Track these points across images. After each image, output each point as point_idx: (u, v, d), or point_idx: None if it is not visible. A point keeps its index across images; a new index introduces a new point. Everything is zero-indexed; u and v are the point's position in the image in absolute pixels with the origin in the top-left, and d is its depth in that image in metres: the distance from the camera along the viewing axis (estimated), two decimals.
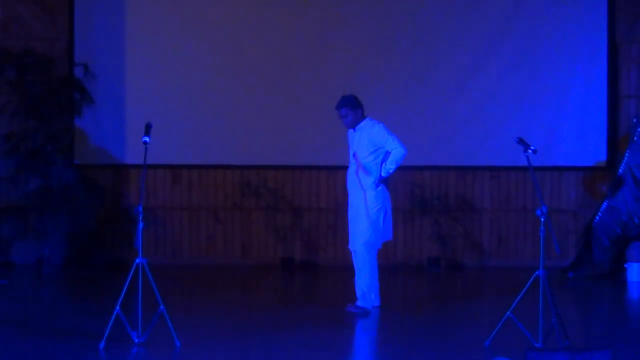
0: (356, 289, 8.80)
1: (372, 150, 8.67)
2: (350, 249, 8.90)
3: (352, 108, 8.69)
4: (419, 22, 11.92)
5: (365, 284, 8.74)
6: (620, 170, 11.18)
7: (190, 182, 12.14)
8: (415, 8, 11.93)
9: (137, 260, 7.15)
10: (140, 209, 7.18)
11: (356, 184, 8.74)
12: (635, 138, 11.13)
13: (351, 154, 8.86)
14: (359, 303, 8.74)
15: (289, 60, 11.90)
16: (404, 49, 11.89)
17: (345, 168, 11.91)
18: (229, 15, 12.01)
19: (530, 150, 7.29)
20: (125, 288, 7.13)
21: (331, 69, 11.84)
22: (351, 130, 8.85)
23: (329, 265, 11.85)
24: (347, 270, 11.56)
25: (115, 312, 7.11)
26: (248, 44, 11.94)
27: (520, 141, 7.42)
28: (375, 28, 11.90)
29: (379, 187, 8.64)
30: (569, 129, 11.82)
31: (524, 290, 7.12)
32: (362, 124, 8.76)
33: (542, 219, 7.07)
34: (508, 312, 7.18)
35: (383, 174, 8.64)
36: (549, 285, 7.05)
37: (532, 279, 7.08)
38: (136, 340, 7.18)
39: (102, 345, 7.06)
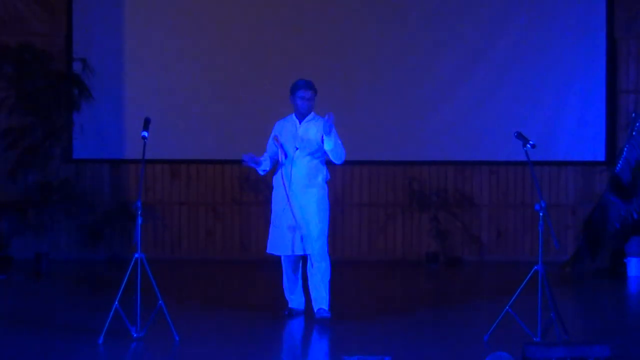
0: (325, 295, 8.04)
1: (320, 147, 7.98)
2: (304, 253, 8.02)
3: (315, 94, 8.12)
4: (417, 17, 11.91)
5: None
6: (618, 166, 11.18)
7: (189, 177, 12.14)
8: (414, 2, 11.93)
9: (136, 255, 7.15)
10: (139, 204, 7.18)
11: (304, 181, 7.99)
12: (634, 133, 11.13)
13: (280, 148, 8.10)
14: (327, 307, 8.07)
15: (288, 56, 11.89)
16: (401, 44, 11.89)
17: (343, 163, 11.98)
18: (228, 11, 12.00)
19: (529, 145, 7.28)
20: (124, 283, 7.13)
21: (331, 65, 11.83)
22: (291, 122, 8.11)
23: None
24: (345, 264, 11.59)
25: (114, 307, 7.11)
26: (247, 40, 11.94)
27: (519, 136, 7.41)
28: (374, 22, 11.90)
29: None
30: (567, 124, 11.83)
31: (522, 285, 7.11)
32: (310, 116, 8.13)
33: (541, 214, 7.07)
34: (507, 307, 7.18)
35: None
36: (547, 280, 7.05)
37: (530, 273, 7.08)
38: (135, 335, 7.18)
39: (100, 340, 7.06)
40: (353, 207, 12.05)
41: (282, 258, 8.19)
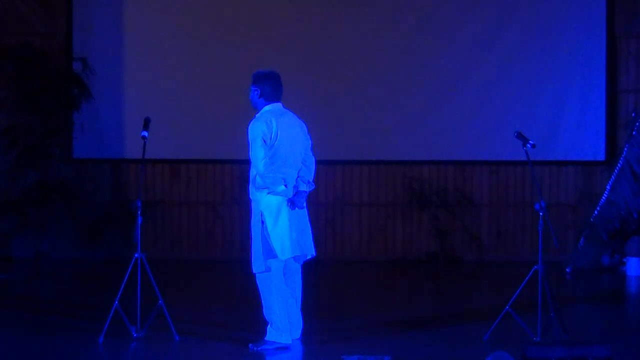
0: (266, 318, 7.10)
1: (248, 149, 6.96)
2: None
3: (252, 83, 7.03)
4: (417, 17, 11.91)
5: (274, 314, 6.96)
6: (618, 165, 11.18)
7: (189, 177, 12.14)
8: (415, 2, 11.93)
9: (136, 255, 7.15)
10: (139, 203, 7.18)
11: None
12: (634, 132, 11.13)
13: None
14: (267, 337, 7.01)
15: (288, 54, 11.87)
16: (401, 44, 11.88)
17: (342, 162, 12.01)
18: (229, 10, 11.99)
19: (529, 145, 7.28)
20: (124, 283, 7.13)
21: (331, 65, 11.83)
22: None
23: (328, 259, 11.84)
24: (347, 265, 11.60)
25: (114, 307, 7.11)
26: (247, 38, 11.93)
27: (519, 135, 7.41)
28: (373, 22, 11.89)
29: (263, 193, 6.88)
30: (567, 124, 11.83)
31: (522, 284, 7.12)
32: (259, 114, 7.03)
33: (541, 214, 7.07)
34: (507, 307, 7.18)
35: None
36: (547, 280, 7.05)
37: (530, 273, 7.08)
38: (135, 335, 7.18)
39: (101, 339, 7.06)
40: (353, 207, 12.05)
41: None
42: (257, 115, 7.01)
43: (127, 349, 7.01)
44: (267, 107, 7.03)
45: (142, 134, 7.35)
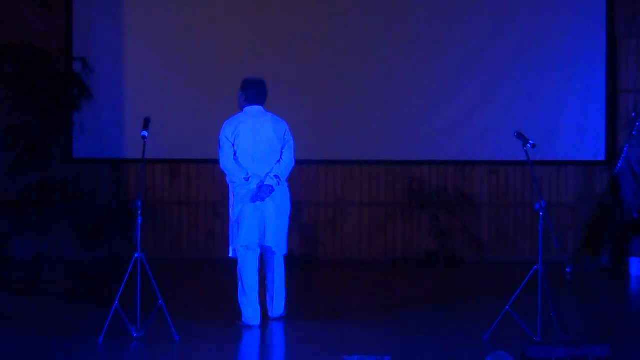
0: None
1: None
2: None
3: (240, 88, 8.12)
4: (417, 16, 11.91)
5: (239, 297, 7.90)
6: (618, 165, 11.18)
7: (189, 177, 12.14)
8: (415, 2, 11.93)
9: (136, 255, 7.16)
10: (139, 203, 7.18)
11: None
12: (634, 132, 11.13)
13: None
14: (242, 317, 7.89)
15: (287, 54, 11.89)
16: (401, 44, 11.88)
17: (343, 163, 12.02)
18: (228, 9, 12.00)
19: (529, 145, 7.29)
20: (124, 283, 7.13)
21: (330, 65, 11.83)
22: None
23: (329, 260, 11.86)
24: (347, 265, 11.60)
25: (114, 307, 7.11)
26: (247, 38, 11.93)
27: (519, 135, 7.42)
28: (373, 21, 11.89)
29: (234, 185, 7.93)
30: (567, 124, 11.83)
31: (522, 284, 7.12)
32: None
33: (541, 214, 7.08)
34: (507, 307, 7.18)
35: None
36: (547, 280, 7.05)
37: (530, 273, 7.08)
38: (135, 335, 7.18)
39: (100, 340, 7.06)
40: (353, 207, 12.05)
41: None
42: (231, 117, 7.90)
43: (127, 349, 7.01)
44: (245, 109, 8.03)
45: (142, 133, 7.36)
